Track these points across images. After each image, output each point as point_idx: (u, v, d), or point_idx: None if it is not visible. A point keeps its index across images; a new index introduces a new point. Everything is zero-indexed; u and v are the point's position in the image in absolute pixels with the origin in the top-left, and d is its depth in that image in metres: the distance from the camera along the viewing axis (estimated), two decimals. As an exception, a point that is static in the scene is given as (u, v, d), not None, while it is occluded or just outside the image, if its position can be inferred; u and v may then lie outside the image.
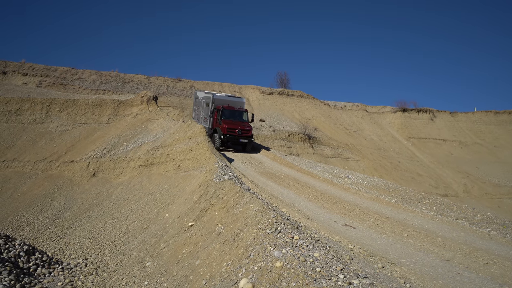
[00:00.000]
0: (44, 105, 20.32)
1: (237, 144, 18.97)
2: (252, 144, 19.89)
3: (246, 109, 20.30)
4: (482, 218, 9.69)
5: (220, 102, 19.83)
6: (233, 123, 18.51)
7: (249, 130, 18.84)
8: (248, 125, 19.22)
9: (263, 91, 34.73)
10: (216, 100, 19.86)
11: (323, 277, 3.96)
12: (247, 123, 19.44)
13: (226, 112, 19.01)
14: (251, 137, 19.15)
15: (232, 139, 18.30)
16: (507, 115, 43.04)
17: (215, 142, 17.91)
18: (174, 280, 5.91)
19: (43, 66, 28.83)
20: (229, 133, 18.06)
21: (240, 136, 18.42)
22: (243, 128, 18.56)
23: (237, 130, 18.22)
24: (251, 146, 19.46)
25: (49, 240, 11.10)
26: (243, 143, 18.89)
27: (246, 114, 19.98)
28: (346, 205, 10.58)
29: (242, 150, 19.23)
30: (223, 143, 18.35)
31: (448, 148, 37.02)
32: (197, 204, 8.79)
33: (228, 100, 20.28)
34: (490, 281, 5.83)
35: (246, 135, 18.71)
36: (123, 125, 19.52)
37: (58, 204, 13.81)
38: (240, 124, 18.70)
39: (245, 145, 19.02)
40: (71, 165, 16.30)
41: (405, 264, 6.29)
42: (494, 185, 30.60)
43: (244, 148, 19.15)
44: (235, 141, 18.57)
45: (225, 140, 18.22)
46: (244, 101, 21.53)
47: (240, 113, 19.67)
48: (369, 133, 35.55)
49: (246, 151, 19.09)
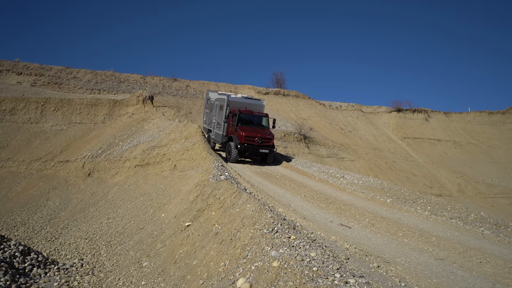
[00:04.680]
0: (38, 104, 20.19)
1: (256, 154, 16.41)
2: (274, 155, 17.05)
3: (267, 114, 17.55)
4: (476, 217, 9.80)
5: (236, 105, 17.13)
6: (251, 130, 15.98)
7: (270, 138, 16.18)
8: (270, 132, 16.57)
9: (259, 91, 34.77)
10: (231, 102, 17.14)
11: (320, 276, 4.00)
12: (267, 130, 16.76)
13: (243, 117, 16.49)
14: (272, 146, 16.44)
15: (251, 149, 15.68)
16: (501, 115, 43.49)
17: (231, 152, 15.63)
18: (171, 280, 5.93)
19: (37, 65, 28.63)
20: (247, 141, 15.52)
21: (260, 146, 15.79)
22: (263, 136, 15.93)
23: (256, 139, 15.65)
24: (272, 157, 16.74)
25: (44, 240, 11.05)
26: (263, 154, 16.22)
27: (266, 120, 17.26)
28: (342, 205, 10.66)
29: (261, 161, 16.73)
30: (240, 154, 15.81)
31: (443, 148, 37.31)
32: (194, 204, 8.81)
33: (246, 102, 17.57)
34: (483, 279, 5.92)
35: (267, 144, 16.06)
36: (118, 124, 19.45)
37: (53, 204, 13.74)
38: (260, 132, 16.14)
39: (266, 156, 16.39)
40: (66, 165, 16.22)
41: (400, 263, 6.36)
42: (488, 184, 30.89)
43: (265, 159, 16.56)
44: (254, 151, 15.91)
45: (243, 150, 15.64)
46: (264, 104, 18.49)
47: (259, 118, 17.07)
48: (364, 133, 35.73)
49: (266, 163, 16.49)
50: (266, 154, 16.26)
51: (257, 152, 15.99)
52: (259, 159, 16.88)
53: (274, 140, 16.72)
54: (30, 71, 27.65)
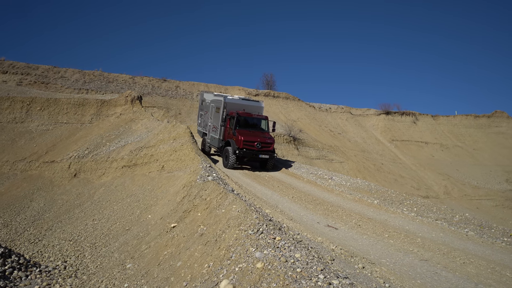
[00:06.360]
0: (24, 104, 19.82)
1: (255, 160, 15.50)
2: (274, 162, 16.06)
3: (266, 116, 16.58)
4: (461, 219, 9.92)
5: (233, 106, 16.17)
6: (250, 134, 15.07)
7: (270, 143, 15.24)
8: (270, 136, 15.67)
9: (249, 92, 34.79)
10: (228, 104, 16.15)
11: (303, 277, 3.99)
12: (267, 133, 15.87)
13: (241, 119, 15.55)
14: (273, 151, 15.44)
15: (250, 154, 14.73)
16: (486, 119, 44.33)
17: (229, 158, 14.77)
18: (154, 282, 5.84)
19: (24, 64, 28.14)
20: (246, 146, 14.59)
21: (260, 151, 14.86)
22: (263, 140, 15.02)
23: (256, 143, 14.75)
24: (272, 163, 15.74)
25: (27, 242, 10.81)
26: (263, 160, 15.30)
27: (266, 122, 16.30)
28: (329, 206, 10.68)
29: (260, 167, 15.81)
30: (238, 159, 14.93)
31: (430, 150, 37.82)
32: (180, 205, 8.73)
33: (244, 104, 16.60)
34: (466, 280, 5.98)
35: (267, 149, 15.11)
36: (106, 125, 19.20)
37: (37, 205, 13.47)
38: (260, 136, 15.22)
39: (266, 162, 15.45)
40: (52, 165, 15.93)
41: (385, 264, 6.39)
42: (473, 187, 31.41)
43: (264, 165, 15.63)
44: (253, 157, 15.00)
45: (241, 156, 14.69)
46: (263, 106, 17.49)
47: (258, 121, 16.15)
48: (353, 135, 36.01)
49: (266, 170, 15.57)
50: (266, 160, 15.33)
51: (257, 158, 15.11)
52: (258, 165, 16.05)
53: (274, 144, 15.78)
54: (16, 70, 27.16)
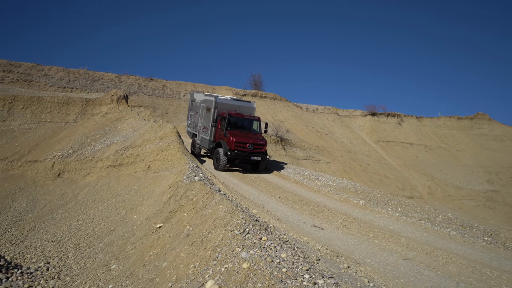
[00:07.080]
0: (6, 102, 19.33)
1: (247, 162, 15.32)
2: (266, 164, 15.89)
3: (259, 117, 16.41)
4: (444, 219, 10.13)
5: (224, 107, 15.88)
6: (242, 135, 14.90)
7: (263, 144, 15.05)
8: (262, 138, 15.48)
9: (236, 92, 34.73)
10: (219, 104, 15.81)
11: (289, 277, 4.01)
12: (259, 135, 15.67)
13: (233, 120, 15.34)
14: (265, 153, 15.35)
15: (242, 156, 14.51)
16: (469, 121, 45.35)
17: (220, 159, 14.52)
18: (139, 283, 5.79)
19: (6, 61, 27.47)
20: (237, 148, 14.39)
21: (252, 152, 14.68)
22: (255, 142, 14.81)
23: (248, 145, 14.52)
24: (264, 165, 15.53)
25: (8, 243, 10.55)
26: (254, 161, 15.11)
27: (258, 124, 16.07)
28: (316, 207, 10.77)
29: (252, 170, 15.56)
30: (229, 161, 14.65)
31: (414, 151, 38.46)
32: (166, 206, 8.66)
33: (235, 105, 16.37)
34: (448, 279, 6.11)
35: (259, 150, 14.93)
36: (91, 124, 18.90)
37: (19, 205, 13.17)
38: (252, 137, 15.03)
39: (258, 164, 15.26)
40: (35, 165, 15.59)
41: (369, 263, 6.48)
42: (456, 187, 32.09)
43: (256, 167, 15.39)
44: (245, 159, 14.79)
45: (233, 158, 14.50)
46: (255, 106, 17.30)
47: (250, 122, 15.97)
48: (339, 136, 36.34)
49: (258, 172, 15.38)
50: (258, 162, 15.14)
51: (249, 160, 14.89)
52: (250, 167, 15.81)
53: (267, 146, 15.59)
54: (-3, 67, 26.49)
